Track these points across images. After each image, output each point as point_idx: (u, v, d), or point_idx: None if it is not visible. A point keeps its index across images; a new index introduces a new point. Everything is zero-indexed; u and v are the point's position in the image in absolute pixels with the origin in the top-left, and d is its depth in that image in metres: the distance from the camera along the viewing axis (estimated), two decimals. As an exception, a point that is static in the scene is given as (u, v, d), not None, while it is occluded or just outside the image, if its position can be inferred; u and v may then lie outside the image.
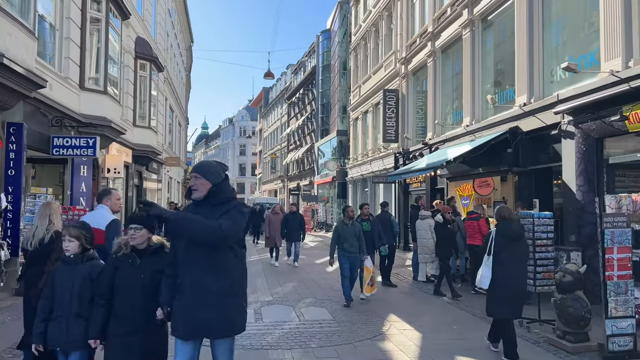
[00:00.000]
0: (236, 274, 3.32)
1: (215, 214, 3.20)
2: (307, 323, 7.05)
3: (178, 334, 3.24)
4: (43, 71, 10.11)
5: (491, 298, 5.66)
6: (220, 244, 3.17)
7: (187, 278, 3.22)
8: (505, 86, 12.03)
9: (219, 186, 3.33)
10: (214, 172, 3.35)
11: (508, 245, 5.59)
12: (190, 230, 3.13)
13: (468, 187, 13.47)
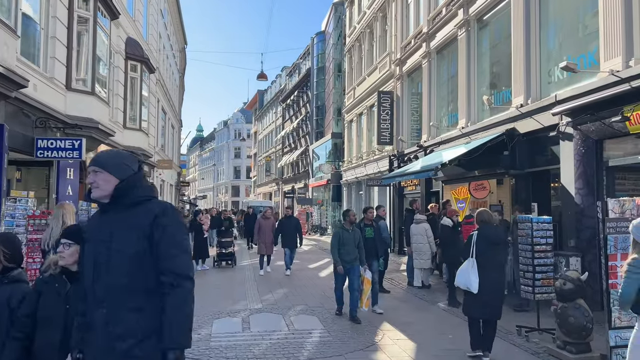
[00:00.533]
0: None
1: (133, 221, 2.39)
2: (297, 333, 6.75)
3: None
4: (26, 71, 9.79)
5: (471, 300, 5.69)
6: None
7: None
8: (501, 87, 11.80)
9: (130, 181, 2.48)
10: (120, 163, 2.53)
11: (489, 249, 5.68)
12: (188, 329, 2.35)
13: (464, 190, 13.22)
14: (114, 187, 2.45)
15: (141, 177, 2.58)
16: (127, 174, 2.50)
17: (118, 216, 2.42)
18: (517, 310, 8.13)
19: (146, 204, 2.47)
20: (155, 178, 25.82)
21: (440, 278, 11.70)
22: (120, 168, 2.51)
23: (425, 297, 9.63)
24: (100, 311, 2.32)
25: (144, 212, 2.42)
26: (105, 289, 2.33)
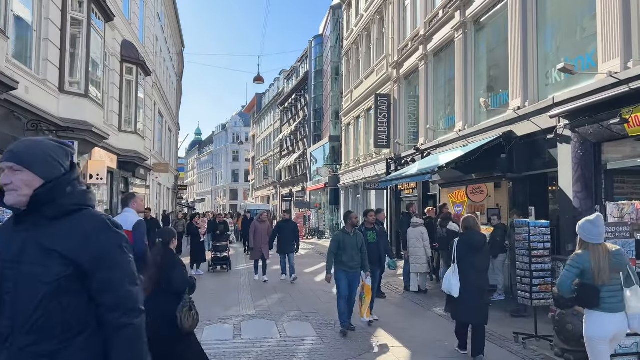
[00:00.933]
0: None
1: (57, 239, 1.79)
2: (289, 340, 6.60)
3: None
4: (17, 73, 9.66)
5: (457, 305, 6.00)
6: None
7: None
8: (498, 89, 11.68)
9: (56, 184, 1.85)
10: (45, 157, 1.88)
11: (469, 255, 5.89)
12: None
13: (461, 193, 13.09)
14: (33, 191, 1.81)
15: (74, 179, 1.91)
16: (54, 174, 1.85)
17: (36, 231, 1.81)
18: (514, 316, 7.99)
19: (76, 217, 1.85)
20: (152, 181, 25.68)
21: (438, 283, 11.55)
22: (45, 165, 1.86)
23: (422, 302, 9.48)
24: (1, 353, 1.76)
25: (72, 228, 1.82)
26: (10, 325, 1.75)
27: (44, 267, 1.76)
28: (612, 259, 4.09)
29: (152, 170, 24.91)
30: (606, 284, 4.02)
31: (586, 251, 4.18)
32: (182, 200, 46.26)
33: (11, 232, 1.87)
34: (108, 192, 17.62)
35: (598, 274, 4.02)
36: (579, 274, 4.12)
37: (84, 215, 1.88)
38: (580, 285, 4.13)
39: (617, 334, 4.13)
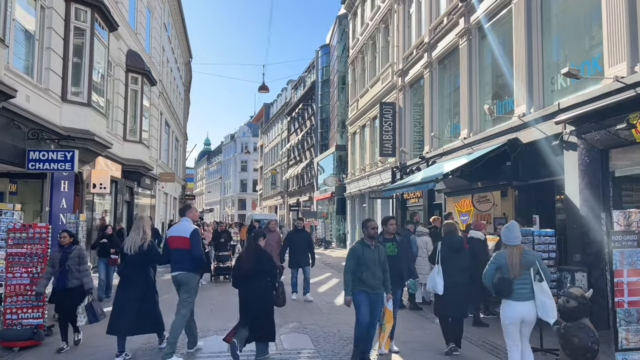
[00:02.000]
0: None
1: None
2: (285, 352, 6.39)
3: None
4: (18, 81, 9.66)
5: (440, 301, 6.55)
6: None
7: None
8: (503, 96, 11.50)
9: None
10: None
11: (451, 256, 6.53)
12: None
13: (467, 202, 12.86)
14: None
15: None
16: None
17: None
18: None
19: None
20: (158, 191, 25.68)
21: (443, 293, 11.30)
22: None
23: (425, 313, 9.22)
24: None
25: None
26: None
27: None
28: (523, 257, 5.05)
29: (158, 179, 24.91)
30: (517, 278, 5.01)
31: (504, 250, 5.19)
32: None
33: None
34: (112, 201, 17.60)
35: (511, 269, 5.03)
36: (497, 269, 5.14)
37: None
38: (499, 279, 5.11)
39: (526, 319, 5.09)
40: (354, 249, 6.01)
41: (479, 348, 6.79)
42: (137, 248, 6.13)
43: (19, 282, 6.83)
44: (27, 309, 6.84)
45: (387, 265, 6.06)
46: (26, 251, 6.89)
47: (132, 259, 6.15)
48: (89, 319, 6.56)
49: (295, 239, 10.96)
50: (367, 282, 5.83)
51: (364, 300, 5.84)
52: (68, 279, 6.56)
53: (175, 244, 6.30)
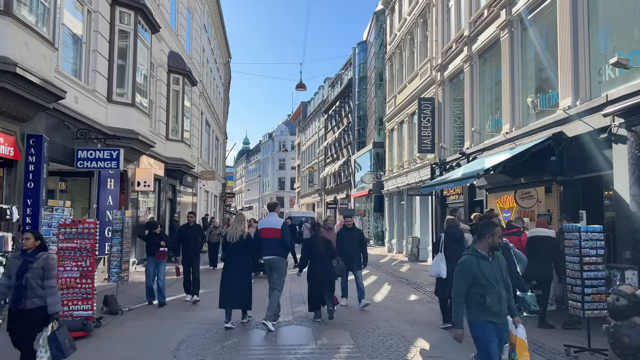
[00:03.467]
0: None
1: None
2: (324, 348, 6.42)
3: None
4: (67, 83, 10.06)
5: (441, 284, 7.64)
6: None
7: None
8: (547, 89, 11.14)
9: None
10: None
11: (451, 246, 7.61)
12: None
13: (509, 199, 12.54)
14: None
15: None
16: None
17: None
18: (566, 328, 7.49)
19: None
20: (199, 189, 26.24)
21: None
22: None
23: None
24: None
25: None
26: None
27: None
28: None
29: (199, 177, 25.45)
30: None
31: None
32: (230, 208, 47.07)
33: None
34: (156, 199, 18.10)
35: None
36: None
37: None
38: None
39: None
40: (466, 264, 4.45)
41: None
42: (238, 237, 7.77)
43: (69, 275, 7.12)
44: (78, 301, 7.12)
45: (509, 281, 4.70)
46: (76, 245, 7.18)
47: (234, 246, 7.79)
48: (52, 354, 4.87)
49: (346, 238, 9.69)
50: (491, 309, 4.33)
51: (492, 336, 4.32)
52: (27, 297, 4.90)
53: (267, 234, 7.90)
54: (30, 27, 7.94)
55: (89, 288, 7.19)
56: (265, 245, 7.87)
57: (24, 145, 8.85)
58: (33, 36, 8.03)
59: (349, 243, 9.62)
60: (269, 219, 8.27)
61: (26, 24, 7.82)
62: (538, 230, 8.33)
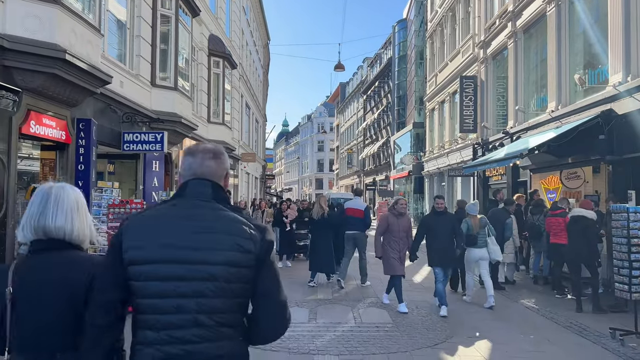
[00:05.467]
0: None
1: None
2: (363, 326, 6.51)
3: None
4: (113, 68, 10.37)
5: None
6: None
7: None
8: (596, 65, 10.67)
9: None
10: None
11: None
12: None
13: (554, 179, 12.18)
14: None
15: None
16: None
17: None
18: (612, 311, 7.29)
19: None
20: (240, 171, 26.69)
21: (527, 274, 10.89)
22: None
23: (508, 294, 8.96)
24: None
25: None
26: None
27: None
28: (480, 222, 8.14)
29: (240, 160, 25.87)
30: (479, 233, 8.07)
31: (469, 217, 8.21)
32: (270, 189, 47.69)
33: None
34: (199, 180, 18.55)
35: (474, 228, 8.05)
36: (467, 229, 7.97)
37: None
38: (467, 235, 7.88)
39: (481, 259, 8.08)
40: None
41: (566, 329, 6.52)
42: (320, 216, 9.69)
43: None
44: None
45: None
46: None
47: (317, 222, 9.78)
48: None
49: (434, 226, 7.55)
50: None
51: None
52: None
53: (352, 214, 9.55)
54: (77, 14, 8.20)
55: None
56: (349, 222, 9.51)
57: (74, 129, 9.23)
58: (80, 23, 8.30)
59: (441, 232, 7.44)
60: (354, 201, 10.01)
61: (74, 12, 8.09)
62: (577, 210, 8.06)
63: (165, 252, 1.64)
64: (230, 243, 1.66)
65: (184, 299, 1.61)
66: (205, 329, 1.62)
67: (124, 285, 1.65)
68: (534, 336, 6.18)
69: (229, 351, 1.65)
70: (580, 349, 5.68)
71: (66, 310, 1.77)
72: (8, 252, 7.49)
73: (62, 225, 1.85)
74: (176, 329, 1.61)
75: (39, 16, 7.46)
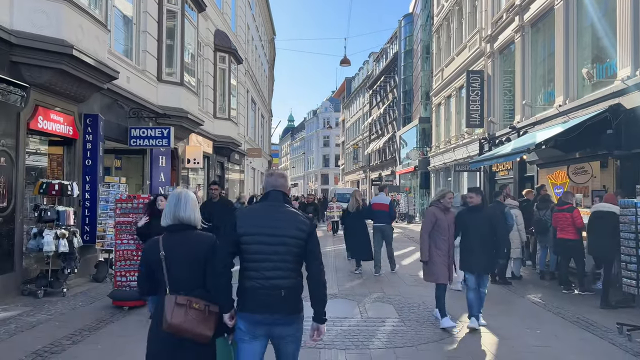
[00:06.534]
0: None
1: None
2: (369, 320, 6.52)
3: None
4: (119, 64, 10.40)
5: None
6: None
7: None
8: (604, 59, 10.58)
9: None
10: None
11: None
12: None
13: (562, 174, 12.12)
14: None
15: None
16: None
17: None
18: (619, 306, 7.26)
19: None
20: (246, 166, 26.73)
21: (533, 269, 10.86)
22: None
23: (515, 289, 8.94)
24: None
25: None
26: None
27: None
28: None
29: (246, 155, 25.90)
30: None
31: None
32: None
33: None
34: (205, 175, 18.61)
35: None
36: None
37: None
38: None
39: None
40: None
41: (573, 325, 6.50)
42: (355, 208, 10.79)
43: (126, 247, 7.48)
44: (135, 272, 7.48)
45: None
46: (132, 220, 7.51)
47: (353, 214, 10.87)
48: None
49: (469, 223, 6.30)
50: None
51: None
52: None
53: (378, 208, 10.56)
54: (84, 10, 8.24)
55: (145, 260, 7.55)
56: (376, 215, 10.55)
57: (82, 125, 9.30)
58: (87, 19, 8.34)
59: (478, 229, 6.21)
60: (379, 196, 11.00)
61: (80, 7, 8.12)
62: (602, 205, 7.79)
63: (258, 229, 2.93)
64: (293, 225, 2.95)
65: (269, 255, 2.89)
66: (280, 271, 2.89)
67: (236, 245, 2.91)
68: (541, 331, 6.17)
69: (292, 284, 2.93)
70: (587, 344, 5.67)
71: (195, 265, 2.90)
72: (17, 246, 7.56)
73: (188, 215, 2.99)
74: (265, 270, 2.88)
75: (46, 12, 7.50)
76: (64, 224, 7.87)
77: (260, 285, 2.86)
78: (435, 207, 6.50)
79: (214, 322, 2.87)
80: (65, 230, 7.77)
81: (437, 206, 6.49)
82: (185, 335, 2.76)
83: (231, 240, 2.93)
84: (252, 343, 2.95)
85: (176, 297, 2.79)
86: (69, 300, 7.43)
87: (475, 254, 6.21)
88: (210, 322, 2.85)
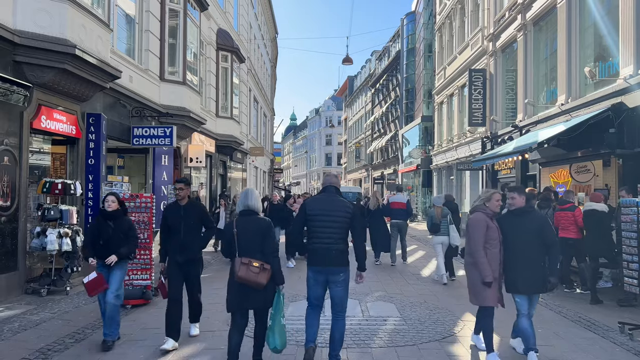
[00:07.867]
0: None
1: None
2: (371, 319, 6.54)
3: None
4: (122, 63, 10.43)
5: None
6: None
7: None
8: (607, 58, 10.56)
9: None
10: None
11: (455, 216, 10.30)
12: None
13: (564, 173, 12.11)
14: None
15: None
16: None
17: None
18: (621, 305, 7.26)
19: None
20: (249, 165, 26.76)
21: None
22: None
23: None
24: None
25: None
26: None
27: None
28: (443, 211, 9.71)
29: (249, 154, 25.92)
30: (440, 222, 9.62)
31: (434, 208, 9.80)
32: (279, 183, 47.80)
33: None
34: (208, 174, 18.64)
35: (437, 218, 9.61)
36: (431, 217, 9.74)
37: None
38: (432, 223, 9.65)
39: (444, 243, 9.70)
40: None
41: (575, 324, 6.51)
42: (376, 207, 12.00)
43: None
44: (137, 271, 7.54)
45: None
46: (134, 219, 7.52)
47: (374, 212, 12.03)
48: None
49: (510, 233, 5.02)
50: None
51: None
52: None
53: (396, 206, 11.89)
54: (87, 9, 8.26)
55: (147, 259, 7.59)
56: (394, 213, 11.89)
57: (84, 124, 9.33)
58: (90, 18, 8.36)
59: (520, 238, 4.96)
60: (397, 196, 12.47)
61: (83, 7, 8.14)
62: (589, 204, 8.08)
63: (320, 211, 4.67)
64: (343, 209, 4.66)
65: (327, 228, 4.61)
66: (334, 239, 4.60)
67: (305, 221, 4.74)
68: (542, 330, 6.16)
69: (342, 248, 4.64)
70: (589, 343, 5.67)
71: (258, 238, 4.42)
72: (20, 244, 7.60)
73: (254, 204, 4.53)
74: (324, 238, 4.61)
75: (49, 11, 7.53)
76: (67, 223, 7.91)
77: (319, 247, 4.58)
78: (483, 213, 5.06)
79: (267, 276, 4.31)
80: (69, 229, 7.82)
81: (484, 211, 5.07)
82: (247, 283, 4.25)
83: (302, 218, 4.73)
84: (316, 286, 4.74)
85: (242, 259, 4.27)
86: (72, 299, 7.47)
87: (519, 270, 4.93)
88: (264, 275, 4.29)
